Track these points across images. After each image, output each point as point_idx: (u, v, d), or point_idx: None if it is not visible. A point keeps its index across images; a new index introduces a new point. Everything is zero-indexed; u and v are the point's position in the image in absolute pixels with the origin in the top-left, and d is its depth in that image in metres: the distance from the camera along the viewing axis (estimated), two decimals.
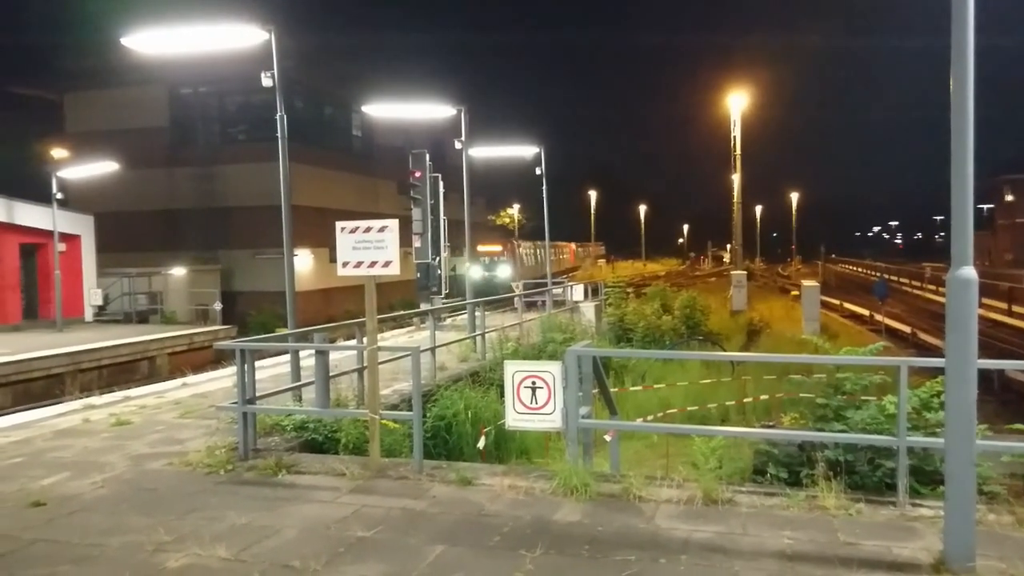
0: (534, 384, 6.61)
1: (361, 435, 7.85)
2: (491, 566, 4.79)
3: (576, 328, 17.55)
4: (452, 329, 18.19)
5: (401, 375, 11.05)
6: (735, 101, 34.04)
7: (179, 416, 9.59)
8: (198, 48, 9.85)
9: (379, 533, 5.40)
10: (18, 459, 7.66)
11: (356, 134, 40.11)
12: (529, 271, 48.61)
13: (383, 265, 6.87)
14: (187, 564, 4.92)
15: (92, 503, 6.22)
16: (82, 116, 35.56)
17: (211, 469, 7.02)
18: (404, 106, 16.73)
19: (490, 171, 30.97)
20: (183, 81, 33.16)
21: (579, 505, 5.86)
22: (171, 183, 33.34)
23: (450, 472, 6.73)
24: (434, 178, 19.21)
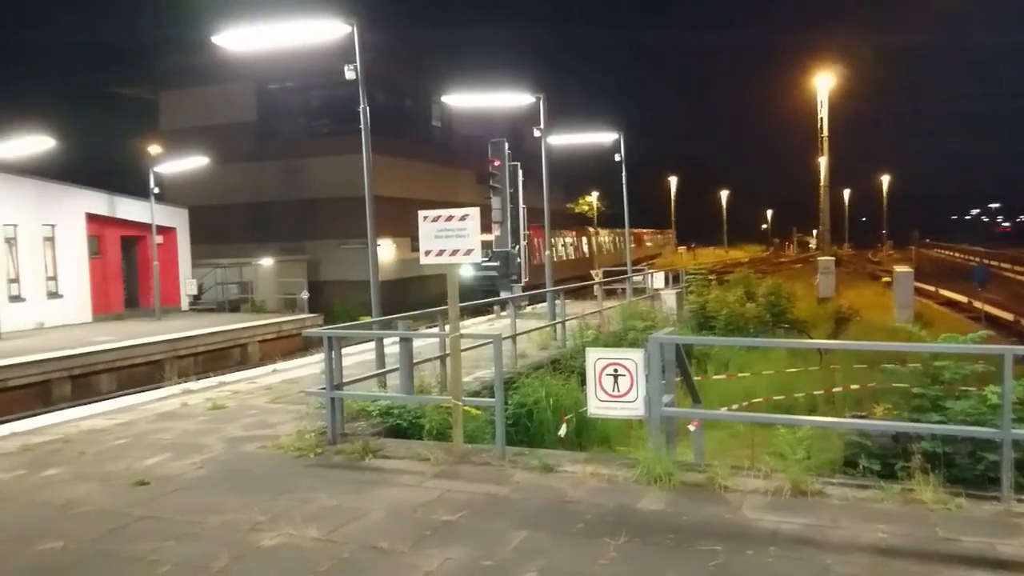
0: (616, 372, 6.57)
1: (444, 421, 7.95)
2: (574, 553, 4.80)
3: (657, 316, 17.34)
4: (532, 317, 18.24)
5: (482, 362, 11.14)
6: (822, 82, 32.87)
7: (270, 401, 9.94)
8: (284, 44, 10.14)
9: (463, 518, 5.48)
10: (124, 440, 8.09)
11: (435, 124, 40.55)
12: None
13: (464, 253, 6.95)
14: (281, 543, 5.10)
15: (192, 483, 6.52)
16: (176, 113, 37.07)
17: (301, 452, 7.25)
18: (483, 95, 16.81)
19: (568, 159, 30.82)
20: (270, 77, 34.12)
21: (662, 494, 5.81)
22: (259, 176, 34.44)
23: (532, 459, 6.76)
24: (513, 166, 19.27)
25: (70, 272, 24.43)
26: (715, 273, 30.44)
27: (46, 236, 23.93)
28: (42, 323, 22.83)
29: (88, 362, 17.01)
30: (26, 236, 23.14)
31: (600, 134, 22.27)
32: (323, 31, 9.79)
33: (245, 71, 31.42)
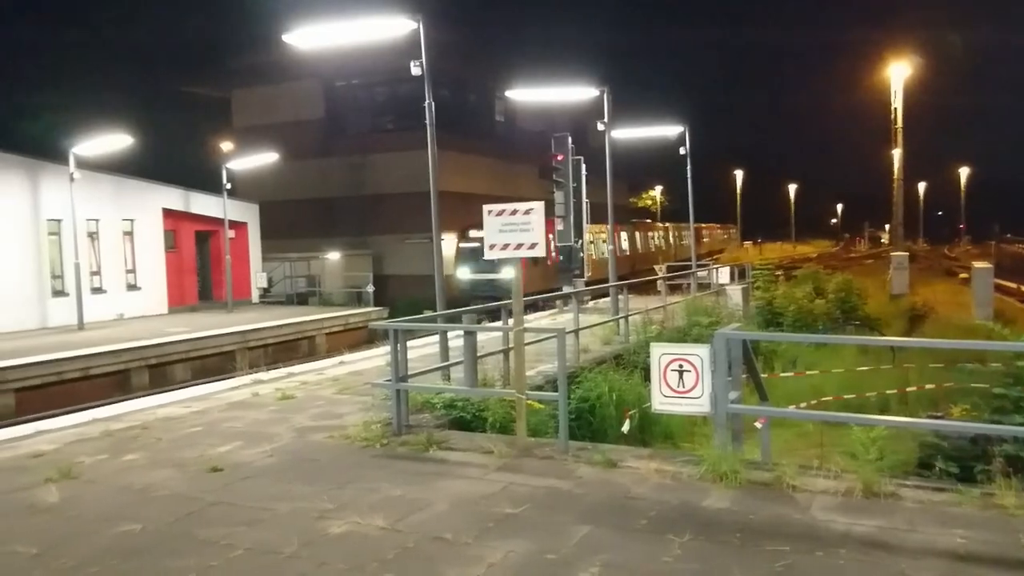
0: (681, 367, 6.49)
1: (507, 414, 7.99)
2: (638, 549, 4.76)
3: (722, 312, 17.08)
4: (594, 312, 18.16)
5: (544, 356, 11.15)
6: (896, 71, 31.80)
7: (337, 392, 10.14)
8: (351, 41, 10.30)
9: (526, 511, 5.49)
10: (198, 428, 8.36)
11: (498, 119, 40.66)
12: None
13: (529, 247, 6.95)
14: (348, 531, 5.20)
15: (262, 470, 6.70)
16: (247, 111, 38.05)
17: (367, 443, 7.38)
18: (546, 90, 16.78)
19: (631, 153, 30.58)
20: (336, 75, 34.72)
21: (728, 492, 5.72)
22: (326, 172, 35.11)
23: (595, 454, 6.74)
24: (576, 161, 19.20)
25: (148, 265, 25.36)
26: (782, 268, 29.76)
27: (125, 231, 24.89)
28: (122, 314, 23.76)
29: (164, 352, 17.64)
30: (107, 231, 24.11)
31: (665, 127, 22.02)
32: (390, 28, 9.93)
33: (313, 69, 32.08)
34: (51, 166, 21.88)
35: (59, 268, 22.41)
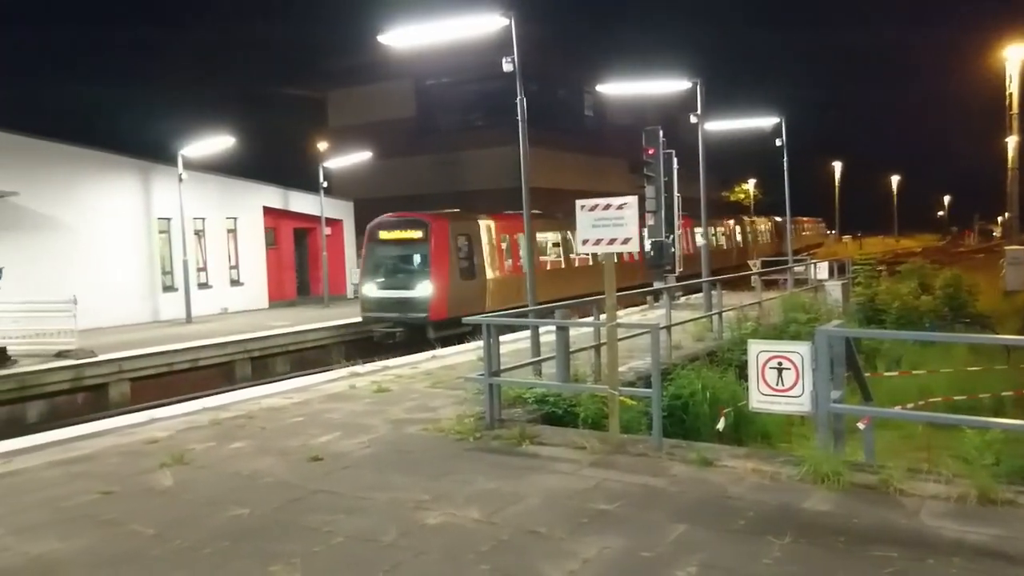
0: (780, 365, 6.32)
1: (599, 410, 7.96)
2: (736, 550, 4.67)
3: (820, 308, 16.51)
4: (686, 308, 17.87)
5: (636, 352, 11.04)
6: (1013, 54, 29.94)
7: (430, 386, 10.32)
8: (444, 39, 10.45)
9: (620, 508, 5.47)
10: (299, 418, 8.67)
11: (588, 114, 40.51)
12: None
13: (622, 242, 6.91)
14: (444, 522, 5.30)
15: (360, 460, 6.89)
16: (342, 112, 39.17)
17: (461, 436, 7.49)
18: (637, 83, 16.60)
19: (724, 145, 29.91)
20: (428, 73, 35.32)
21: (830, 494, 5.54)
22: (417, 170, 35.76)
23: (690, 452, 6.64)
24: (667, 154, 18.89)
25: (250, 261, 26.45)
26: (885, 263, 28.53)
27: (229, 228, 26.03)
28: (226, 308, 24.86)
29: (266, 345, 18.35)
30: (212, 228, 25.27)
31: (760, 119, 21.45)
32: (482, 25, 10.02)
33: (405, 69, 32.73)
34: (161, 167, 23.05)
35: (168, 264, 23.63)
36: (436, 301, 18.58)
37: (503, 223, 21.54)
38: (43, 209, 20.06)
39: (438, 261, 19.08)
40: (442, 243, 19.22)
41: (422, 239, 19.27)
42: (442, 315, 18.27)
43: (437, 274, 18.86)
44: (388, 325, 18.84)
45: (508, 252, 21.53)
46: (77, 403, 14.49)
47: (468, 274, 19.63)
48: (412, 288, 18.97)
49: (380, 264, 19.91)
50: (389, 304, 19.09)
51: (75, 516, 5.67)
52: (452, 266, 19.10)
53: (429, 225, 19.39)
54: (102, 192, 21.90)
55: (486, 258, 20.32)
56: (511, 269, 21.23)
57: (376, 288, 19.42)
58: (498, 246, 21.01)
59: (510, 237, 21.48)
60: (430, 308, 18.52)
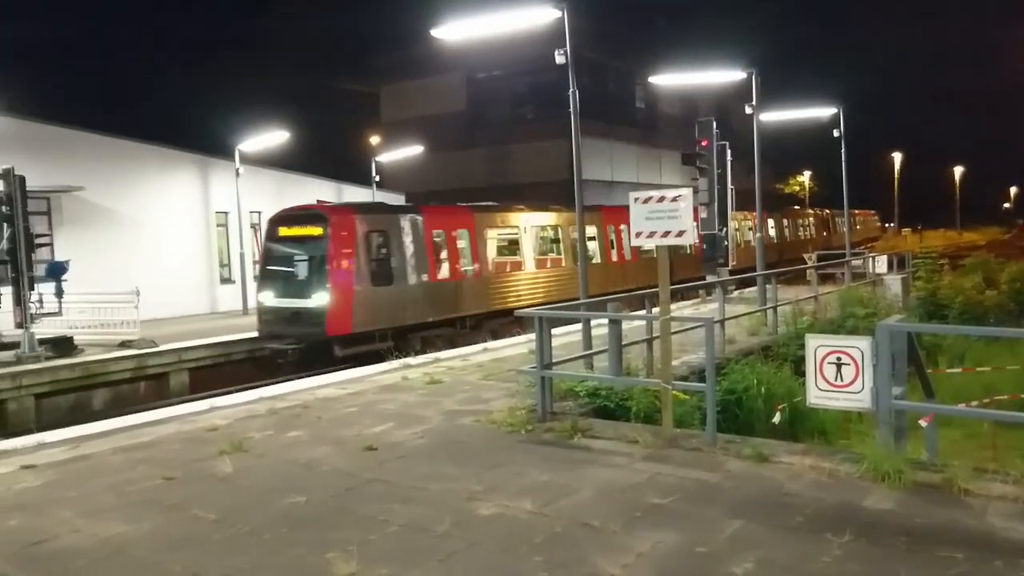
0: (839, 360, 6.18)
1: (651, 404, 7.91)
2: (794, 547, 4.59)
3: (879, 303, 16.11)
4: (739, 302, 17.61)
5: (688, 347, 10.94)
6: None
7: (482, 378, 10.37)
8: (497, 32, 10.45)
9: (674, 502, 5.42)
10: (353, 409, 8.80)
11: (639, 106, 40.15)
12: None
13: (676, 235, 6.83)
14: (497, 513, 5.32)
15: (413, 451, 6.96)
16: (394, 106, 39.55)
17: (513, 428, 7.51)
18: (690, 74, 16.39)
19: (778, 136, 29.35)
20: (478, 67, 35.42)
21: (891, 493, 5.41)
22: (468, 163, 35.93)
23: (744, 447, 6.55)
24: (721, 146, 18.60)
25: None
26: (947, 257, 27.68)
27: None
28: None
29: None
30: None
31: (816, 109, 21.00)
32: (534, 17, 9.99)
33: (456, 62, 32.88)
34: (219, 162, 23.58)
35: (226, 257, 24.18)
36: (336, 313, 14.90)
37: (436, 217, 17.61)
38: (107, 203, 20.69)
39: (339, 263, 15.18)
40: (345, 241, 15.34)
41: (321, 236, 15.44)
42: (344, 329, 14.90)
43: (337, 280, 15.04)
44: (288, 341, 15.22)
45: (440, 253, 17.45)
46: (139, 391, 14.95)
47: (383, 279, 15.85)
48: (307, 297, 15.20)
49: (277, 267, 16.18)
50: (283, 316, 15.53)
51: (140, 500, 5.85)
52: (359, 270, 15.35)
53: (329, 219, 15.59)
54: (163, 186, 22.50)
55: (410, 260, 16.31)
56: (448, 273, 17.38)
57: (273, 296, 15.78)
58: (428, 245, 16.93)
59: (446, 234, 17.63)
60: (327, 321, 14.87)
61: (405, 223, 16.48)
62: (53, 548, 4.99)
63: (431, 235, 17.04)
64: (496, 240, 19.97)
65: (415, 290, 16.36)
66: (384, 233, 16.14)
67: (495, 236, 19.80)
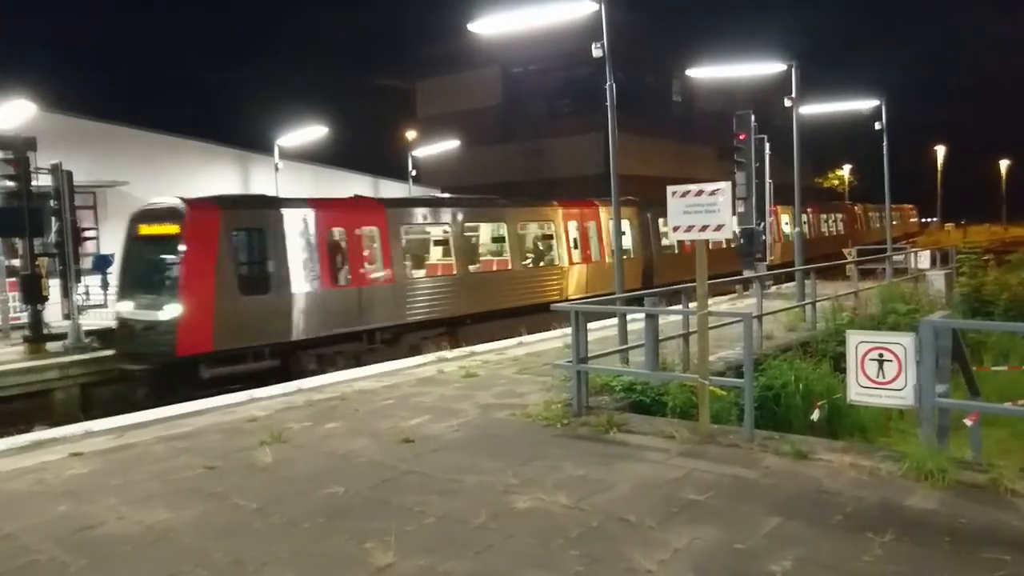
0: (881, 356, 6.08)
1: (688, 400, 7.86)
2: (834, 546, 4.54)
3: (922, 299, 15.81)
4: (776, 297, 17.39)
5: (725, 342, 10.82)
6: None
7: (517, 372, 10.39)
8: (533, 25, 10.43)
9: (711, 498, 5.39)
10: (390, 401, 8.87)
11: (676, 100, 39.83)
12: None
13: (714, 229, 6.77)
14: (533, 507, 5.33)
15: (450, 443, 7.01)
16: (430, 101, 39.74)
17: (548, 422, 7.52)
18: (729, 67, 16.20)
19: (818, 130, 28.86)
20: (514, 61, 35.43)
21: (934, 492, 5.31)
22: (503, 157, 35.96)
23: (783, 444, 6.48)
24: (759, 140, 18.38)
25: None
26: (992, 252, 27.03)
27: None
28: None
29: None
30: None
31: (857, 102, 20.63)
32: (572, 10, 9.96)
33: (491, 57, 32.91)
34: (258, 157, 23.94)
35: None
36: (191, 327, 12.45)
37: (333, 213, 14.79)
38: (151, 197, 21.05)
39: (195, 267, 12.72)
40: (204, 241, 12.86)
41: (176, 236, 12.87)
42: (202, 347, 12.49)
43: (193, 287, 12.59)
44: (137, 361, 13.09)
45: (338, 254, 14.71)
46: None
47: (257, 287, 13.37)
48: (158, 308, 12.68)
49: (133, 272, 13.83)
50: (135, 331, 13.18)
51: (182, 489, 5.98)
52: (224, 275, 12.86)
53: (184, 215, 12.97)
54: (204, 181, 22.82)
55: (295, 263, 13.70)
56: (349, 279, 14.77)
57: (130, 307, 13.41)
58: (322, 246, 14.21)
59: (348, 233, 14.85)
60: (179, 338, 12.39)
61: (290, 219, 13.74)
62: (100, 534, 5.12)
63: (326, 234, 14.32)
64: (419, 240, 17.28)
65: (304, 300, 13.69)
66: (259, 232, 13.56)
67: (417, 235, 17.04)
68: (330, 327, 14.13)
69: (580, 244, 19.83)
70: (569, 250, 19.52)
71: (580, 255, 19.76)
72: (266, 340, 13.26)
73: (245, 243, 13.72)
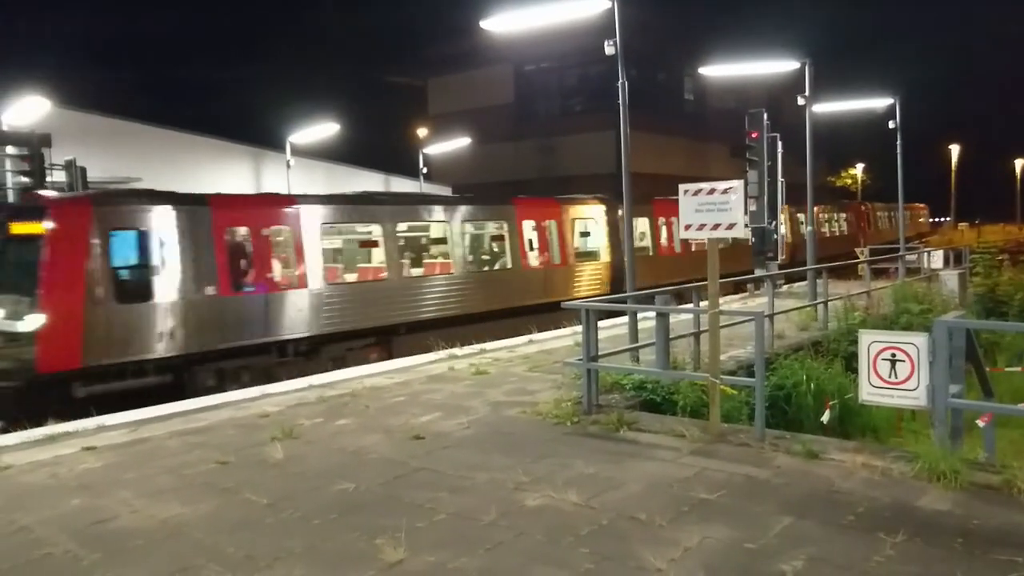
0: (894, 356, 6.06)
1: (698, 399, 7.85)
2: (846, 546, 4.53)
3: (935, 299, 15.73)
4: (789, 296, 17.33)
5: (736, 341, 10.80)
6: None
7: (528, 369, 10.40)
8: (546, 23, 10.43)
9: (722, 497, 5.38)
10: (401, 398, 8.90)
11: (688, 98, 39.72)
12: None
13: (727, 227, 6.75)
14: (543, 504, 5.34)
15: (460, 441, 7.02)
16: (441, 98, 39.76)
17: (559, 420, 7.52)
18: (741, 65, 16.14)
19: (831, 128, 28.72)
20: (526, 59, 35.41)
21: (947, 493, 5.29)
22: (516, 155, 35.95)
23: (794, 443, 6.47)
24: (772, 138, 18.30)
25: None
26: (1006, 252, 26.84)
27: None
28: None
29: None
30: None
31: (872, 100, 20.52)
32: (585, 7, 9.95)
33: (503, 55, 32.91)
34: (271, 153, 24.05)
35: None
36: (54, 340, 10.94)
37: (232, 211, 13.09)
38: None
39: (62, 272, 11.21)
40: (72, 242, 11.33)
41: (39, 236, 11.29)
42: (69, 363, 10.98)
43: (56, 294, 11.06)
44: None
45: (241, 257, 13.13)
46: None
47: (136, 294, 11.84)
48: (18, 318, 11.11)
49: None
50: None
51: (196, 483, 6.02)
52: (95, 281, 11.34)
53: (47, 212, 11.46)
54: (217, 177, 22.92)
55: (183, 267, 12.08)
56: (253, 285, 13.02)
57: None
58: (219, 248, 12.53)
59: (252, 233, 13.15)
60: (40, 352, 10.85)
61: (180, 218, 12.17)
62: (113, 528, 5.17)
63: (223, 234, 12.65)
64: (342, 241, 15.85)
65: (196, 308, 12.11)
66: (141, 231, 11.99)
67: (340, 235, 15.55)
68: (230, 338, 12.43)
69: (538, 246, 17.92)
70: (524, 253, 17.57)
71: (537, 258, 17.87)
72: (149, 354, 11.63)
73: (124, 244, 12.02)
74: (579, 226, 19.23)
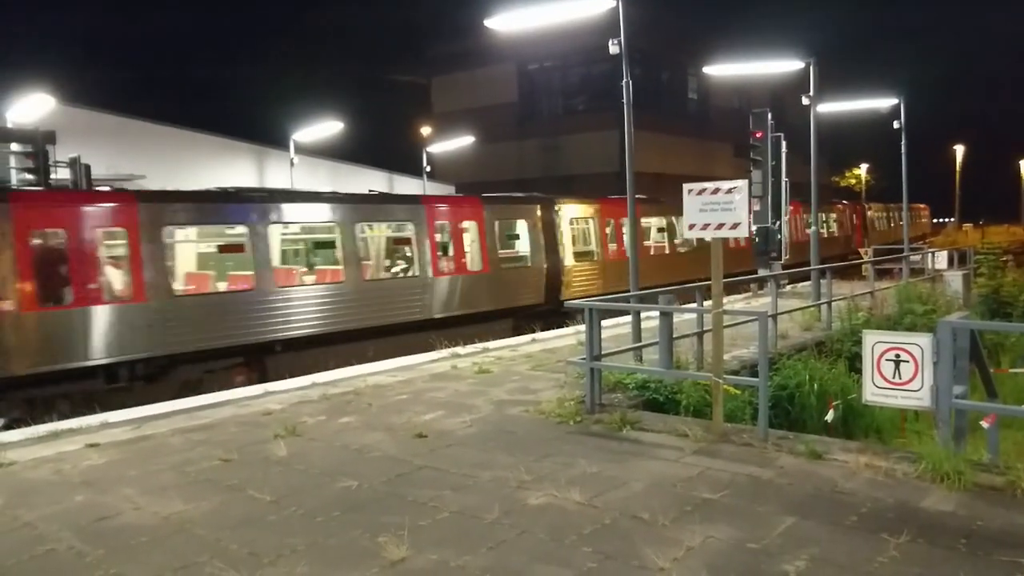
0: (898, 357, 6.05)
1: (701, 398, 7.85)
2: (849, 546, 4.52)
3: (939, 299, 15.70)
4: (792, 296, 17.32)
5: (740, 341, 10.80)
6: None
7: (531, 368, 10.39)
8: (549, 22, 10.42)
9: (725, 497, 5.38)
10: (404, 396, 8.90)
11: (692, 97, 39.69)
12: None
13: (731, 227, 6.75)
14: (546, 503, 5.34)
15: (463, 439, 7.02)
16: (445, 97, 39.77)
17: (562, 419, 7.52)
18: (746, 64, 16.12)
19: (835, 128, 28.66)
20: (530, 58, 35.41)
21: (951, 494, 5.28)
22: (520, 154, 35.95)
23: (798, 443, 6.46)
24: (776, 138, 18.27)
25: None
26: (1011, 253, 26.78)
27: None
28: None
29: None
30: None
31: (876, 100, 20.49)
32: (588, 7, 9.94)
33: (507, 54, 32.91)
34: (274, 152, 24.07)
35: None
36: None
37: (43, 211, 11.02)
38: None
39: None
40: None
41: None
42: None
43: None
44: None
45: (56, 264, 10.97)
46: None
47: None
48: None
49: None
50: None
51: (199, 480, 6.03)
52: None
53: None
54: (221, 175, 22.97)
55: None
56: (70, 299, 10.89)
57: None
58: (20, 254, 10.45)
59: (68, 235, 11.00)
60: None
61: None
62: (117, 524, 5.18)
63: (27, 236, 10.62)
64: (195, 245, 13.72)
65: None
66: None
67: (193, 239, 13.29)
68: (38, 362, 10.50)
69: (453, 251, 15.94)
70: (435, 258, 15.42)
71: (451, 264, 15.85)
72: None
73: None
74: (506, 228, 17.39)
